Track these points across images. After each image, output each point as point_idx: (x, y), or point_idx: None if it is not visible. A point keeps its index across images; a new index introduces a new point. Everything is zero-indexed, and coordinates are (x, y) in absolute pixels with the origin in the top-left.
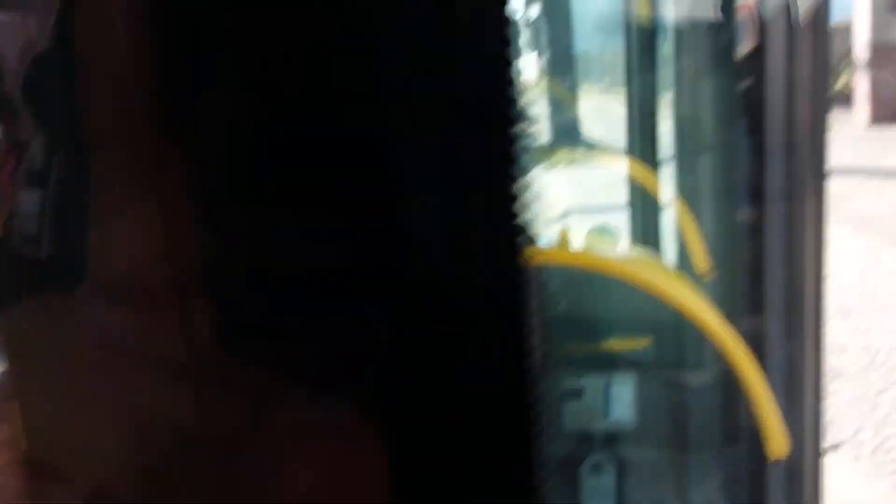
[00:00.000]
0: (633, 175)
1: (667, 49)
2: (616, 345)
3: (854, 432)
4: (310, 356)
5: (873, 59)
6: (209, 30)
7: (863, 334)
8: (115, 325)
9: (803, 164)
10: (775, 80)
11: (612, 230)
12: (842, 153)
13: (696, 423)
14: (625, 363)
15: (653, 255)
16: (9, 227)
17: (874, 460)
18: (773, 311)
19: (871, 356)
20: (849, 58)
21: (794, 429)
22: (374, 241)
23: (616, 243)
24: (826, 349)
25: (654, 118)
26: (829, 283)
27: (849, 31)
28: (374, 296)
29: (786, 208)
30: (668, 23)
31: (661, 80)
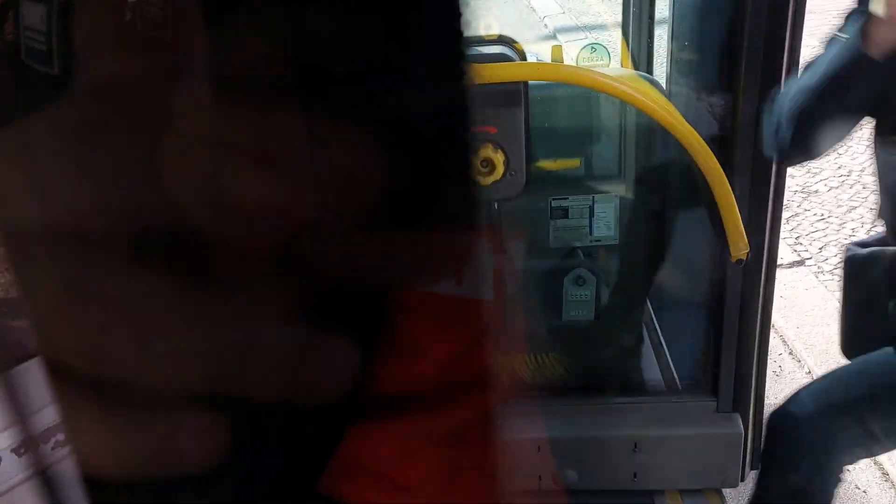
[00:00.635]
0: None
1: None
2: (548, 165)
3: (819, 248)
4: None
5: None
6: None
7: (837, 156)
8: None
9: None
10: None
11: (604, 48)
12: None
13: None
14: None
15: (641, 74)
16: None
17: (836, 274)
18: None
19: (844, 176)
20: None
21: (755, 235)
22: None
23: (608, 61)
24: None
25: None
26: None
27: None
28: None
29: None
30: None
31: None
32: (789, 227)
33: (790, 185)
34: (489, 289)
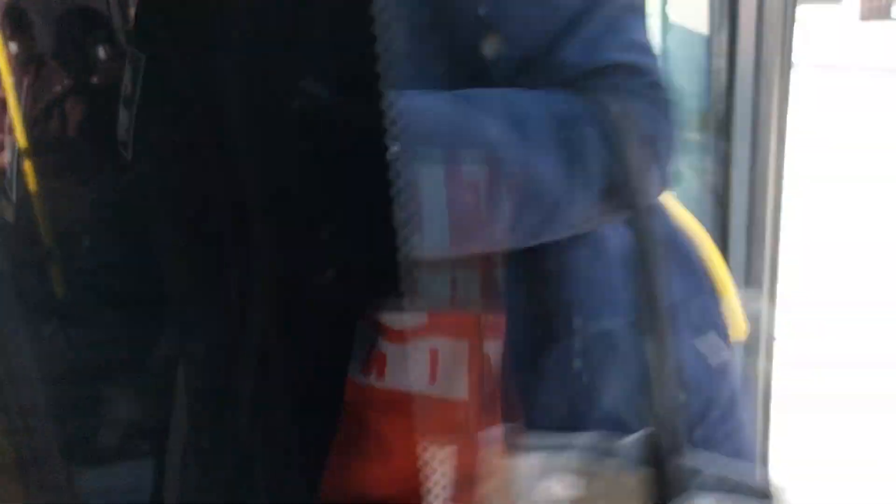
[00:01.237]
0: None
1: None
2: None
3: None
4: None
5: None
6: None
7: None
8: None
9: (771, 64)
10: None
11: None
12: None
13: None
14: None
15: None
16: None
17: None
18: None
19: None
20: None
21: (751, 315)
22: None
23: None
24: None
25: None
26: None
27: None
28: None
29: (753, 97)
30: None
31: None
32: None
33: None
34: (464, 387)
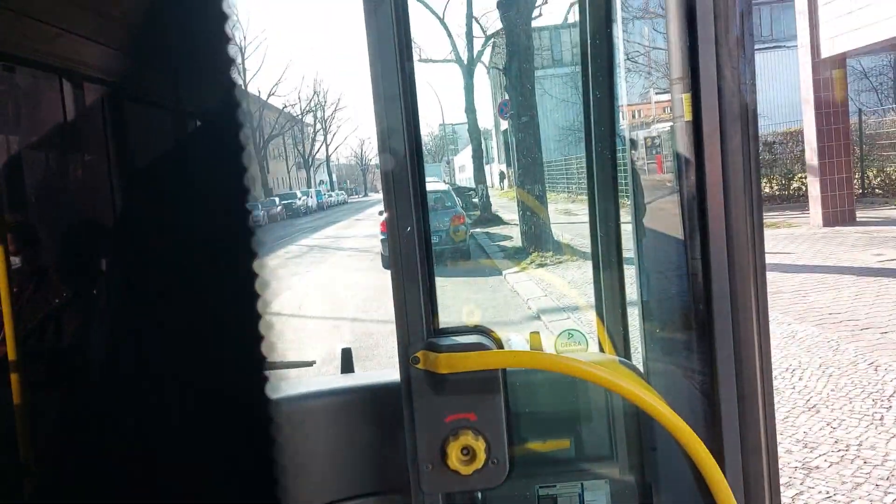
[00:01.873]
0: (596, 276)
1: (625, 159)
2: (537, 447)
3: None
4: None
5: (823, 164)
6: None
7: (833, 429)
8: None
9: (743, 264)
10: (713, 186)
11: (581, 334)
12: (799, 252)
13: None
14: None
15: (619, 357)
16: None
17: None
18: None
19: (843, 451)
20: (800, 162)
21: None
22: None
23: (585, 346)
24: (775, 432)
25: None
26: (795, 377)
27: (799, 136)
28: None
29: (730, 305)
30: (625, 135)
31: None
32: None
33: (789, 462)
34: None
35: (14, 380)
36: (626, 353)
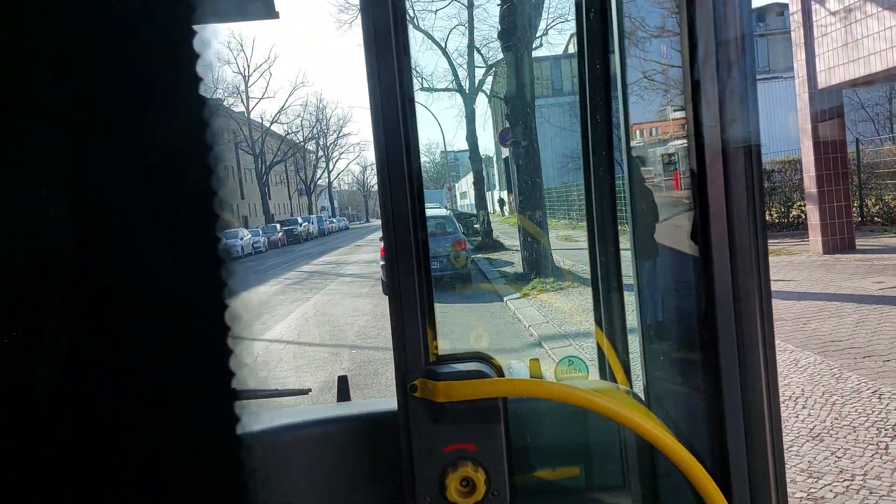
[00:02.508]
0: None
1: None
2: (547, 475)
3: None
4: None
5: (821, 193)
6: None
7: (837, 458)
8: None
9: (748, 289)
10: (716, 210)
11: (581, 360)
12: (800, 279)
13: None
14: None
15: (621, 384)
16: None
17: None
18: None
19: (848, 481)
20: (799, 190)
21: None
22: None
23: (586, 373)
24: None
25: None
26: (798, 405)
27: (798, 165)
28: None
29: (736, 330)
30: (623, 161)
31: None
32: None
33: (794, 492)
34: None
35: None
36: (627, 379)
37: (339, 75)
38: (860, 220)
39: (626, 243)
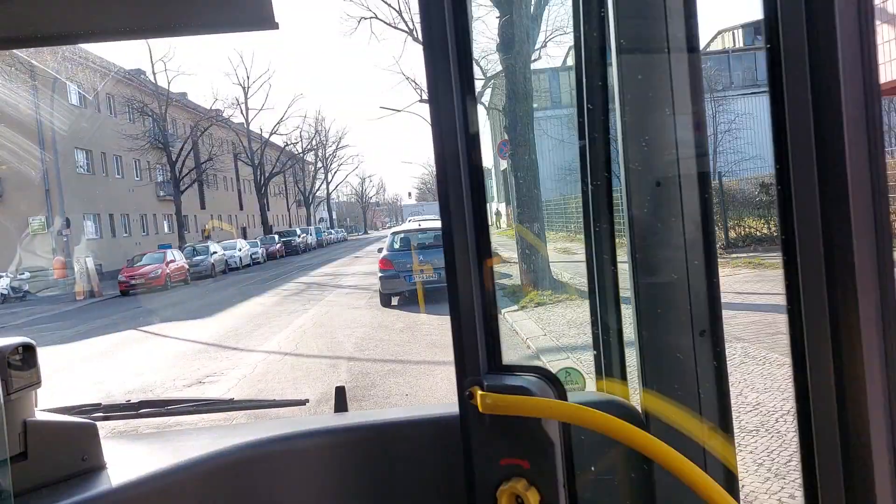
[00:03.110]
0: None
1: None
2: None
3: None
4: None
5: None
6: None
7: None
8: None
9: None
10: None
11: (579, 373)
12: None
13: None
14: None
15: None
16: None
17: None
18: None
19: None
20: None
21: None
22: None
23: (582, 385)
24: None
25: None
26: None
27: None
28: None
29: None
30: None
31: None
32: None
33: None
34: None
35: None
36: (623, 391)
37: (337, 86)
38: None
39: (623, 255)
